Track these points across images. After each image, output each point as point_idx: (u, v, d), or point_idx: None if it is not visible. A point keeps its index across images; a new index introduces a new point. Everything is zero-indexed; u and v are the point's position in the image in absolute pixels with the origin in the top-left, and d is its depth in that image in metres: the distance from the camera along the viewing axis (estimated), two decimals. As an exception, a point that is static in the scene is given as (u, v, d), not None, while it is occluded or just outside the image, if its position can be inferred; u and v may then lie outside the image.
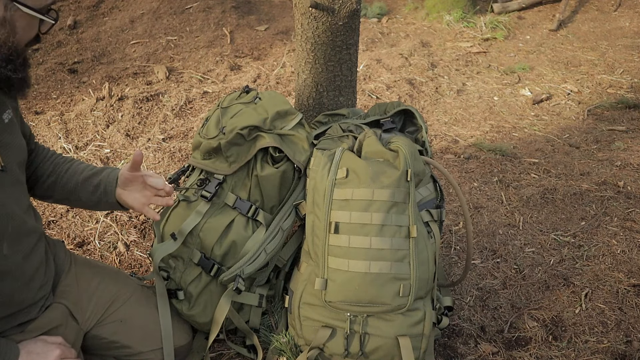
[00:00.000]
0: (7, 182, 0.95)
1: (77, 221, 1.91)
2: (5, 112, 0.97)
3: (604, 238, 1.85)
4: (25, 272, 1.00)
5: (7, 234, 0.94)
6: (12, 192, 0.97)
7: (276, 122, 1.37)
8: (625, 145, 2.56)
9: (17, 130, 1.02)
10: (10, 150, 0.97)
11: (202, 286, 1.31)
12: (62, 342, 1.06)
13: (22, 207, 1.01)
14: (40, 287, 1.05)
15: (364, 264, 1.17)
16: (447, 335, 1.50)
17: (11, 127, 0.99)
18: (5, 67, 0.84)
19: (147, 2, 4.00)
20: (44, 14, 0.86)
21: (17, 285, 0.99)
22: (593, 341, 1.46)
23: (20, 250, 0.99)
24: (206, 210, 1.31)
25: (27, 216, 1.02)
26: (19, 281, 0.99)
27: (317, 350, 1.25)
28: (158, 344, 1.21)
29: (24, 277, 1.00)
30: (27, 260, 1.01)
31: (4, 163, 0.94)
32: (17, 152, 1.00)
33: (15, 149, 0.99)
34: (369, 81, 3.29)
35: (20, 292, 1.00)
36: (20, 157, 1.02)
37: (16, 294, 0.99)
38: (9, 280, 0.97)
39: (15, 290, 0.99)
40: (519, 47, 4.08)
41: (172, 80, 3.16)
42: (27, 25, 0.86)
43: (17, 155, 1.00)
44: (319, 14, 1.50)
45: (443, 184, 2.23)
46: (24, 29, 0.86)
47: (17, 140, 1.01)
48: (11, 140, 0.98)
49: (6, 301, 0.98)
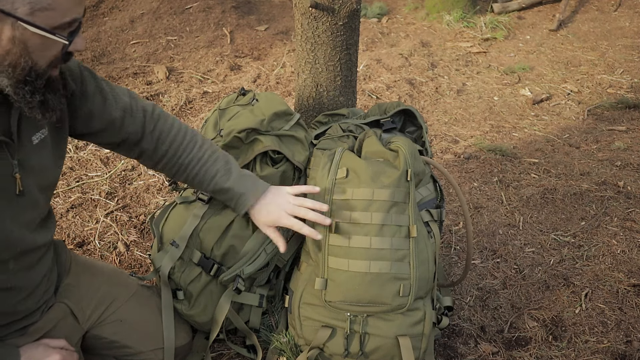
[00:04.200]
0: (23, 206, 0.92)
1: (77, 221, 1.91)
2: (38, 132, 0.92)
3: (604, 238, 1.85)
4: (31, 283, 1.00)
5: (15, 254, 0.93)
6: (26, 216, 0.94)
7: (274, 123, 1.37)
8: (625, 145, 2.56)
9: (48, 152, 0.96)
10: (34, 173, 0.93)
11: (202, 286, 1.30)
12: (64, 346, 1.05)
13: (34, 228, 0.97)
14: (44, 293, 1.05)
15: (364, 263, 1.17)
16: (447, 335, 1.50)
17: (40, 149, 0.93)
18: (23, 89, 0.79)
19: (147, 2, 4.00)
20: (54, 33, 0.77)
21: (21, 296, 0.98)
22: (593, 341, 1.46)
23: (27, 264, 0.98)
24: (204, 213, 1.31)
25: (38, 234, 0.99)
26: (23, 292, 0.98)
27: (317, 350, 1.25)
28: (158, 343, 1.21)
29: (28, 288, 0.99)
30: (33, 272, 1.00)
31: (23, 187, 0.90)
32: (43, 176, 0.96)
33: (41, 172, 0.94)
34: (369, 81, 3.29)
35: (24, 302, 1.00)
36: (46, 180, 0.97)
37: (20, 304, 0.99)
38: (14, 292, 0.96)
39: (19, 300, 0.98)
40: (519, 47, 4.08)
41: (172, 80, 3.16)
42: (41, 44, 0.77)
43: (42, 178, 0.96)
44: (319, 14, 1.50)
45: (443, 184, 2.23)
46: (39, 48, 0.78)
47: (46, 162, 0.95)
48: (37, 162, 0.93)
49: (10, 311, 0.98)
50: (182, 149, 1.16)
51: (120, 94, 1.08)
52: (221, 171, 1.17)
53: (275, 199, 1.18)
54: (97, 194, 2.05)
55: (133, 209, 1.99)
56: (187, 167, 1.17)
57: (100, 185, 2.10)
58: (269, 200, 1.18)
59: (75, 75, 0.99)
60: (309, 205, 1.17)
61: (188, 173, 1.18)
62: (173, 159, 1.17)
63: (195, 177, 1.18)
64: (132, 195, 2.06)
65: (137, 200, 2.04)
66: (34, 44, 0.77)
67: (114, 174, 2.18)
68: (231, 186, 1.17)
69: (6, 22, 0.73)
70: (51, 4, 0.74)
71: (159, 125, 1.14)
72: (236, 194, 1.18)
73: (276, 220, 1.17)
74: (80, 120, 1.03)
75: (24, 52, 0.76)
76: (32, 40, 0.76)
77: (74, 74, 0.99)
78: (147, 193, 2.08)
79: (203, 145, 1.18)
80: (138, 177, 2.18)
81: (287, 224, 1.17)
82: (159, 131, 1.14)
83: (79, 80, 1.00)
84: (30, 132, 0.91)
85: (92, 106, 1.02)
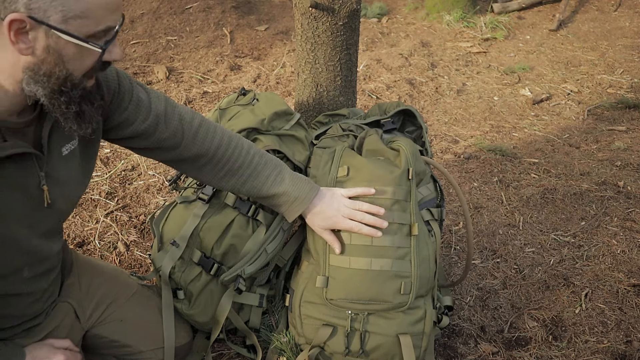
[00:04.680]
0: (48, 219, 0.92)
1: (77, 221, 1.91)
2: (68, 144, 0.91)
3: (604, 238, 1.86)
4: (40, 288, 1.00)
5: (31, 262, 0.93)
6: (47, 226, 0.93)
7: (274, 122, 1.38)
8: (625, 145, 2.56)
9: (76, 163, 0.95)
10: (62, 186, 0.92)
11: (202, 285, 1.30)
12: (69, 346, 1.06)
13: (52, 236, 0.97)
14: (50, 295, 1.06)
15: (365, 261, 1.17)
16: (447, 335, 1.50)
17: (69, 160, 0.93)
18: (58, 99, 0.77)
19: (147, 2, 4.00)
20: (88, 42, 0.75)
21: (30, 300, 0.99)
22: (593, 341, 1.46)
23: (40, 272, 0.98)
24: (204, 212, 1.31)
25: (54, 243, 0.99)
26: (32, 297, 0.99)
27: (318, 349, 1.25)
28: (158, 343, 1.21)
29: (38, 293, 1.00)
30: (43, 278, 1.00)
31: (51, 200, 0.89)
32: (71, 188, 0.95)
33: (68, 183, 0.93)
34: (369, 81, 3.29)
35: (33, 305, 1.00)
36: (73, 192, 0.96)
37: (28, 308, 0.99)
38: (24, 297, 0.97)
39: (28, 304, 0.99)
40: (519, 47, 4.08)
41: (172, 80, 3.16)
42: (76, 53, 0.76)
43: (69, 190, 0.95)
44: (319, 14, 1.50)
45: (443, 184, 2.23)
46: (74, 57, 0.76)
47: (73, 174, 0.94)
48: (65, 174, 0.92)
49: (18, 314, 0.98)
50: (229, 154, 1.12)
51: (156, 100, 1.05)
52: (273, 175, 1.14)
53: (331, 202, 1.15)
54: (97, 194, 2.05)
55: (133, 209, 1.99)
56: (235, 173, 1.14)
57: (100, 185, 2.10)
58: (326, 205, 1.15)
59: (111, 83, 0.97)
60: (365, 209, 1.16)
61: (237, 179, 1.14)
62: (219, 165, 1.13)
63: (245, 183, 1.15)
64: (132, 195, 2.06)
65: (137, 200, 2.04)
66: (69, 52, 0.75)
67: (114, 174, 2.18)
68: (285, 190, 1.14)
69: (39, 31, 0.71)
70: (84, 11, 0.72)
71: (200, 131, 1.10)
72: (290, 198, 1.15)
73: (334, 224, 1.16)
74: (113, 128, 1.02)
75: (59, 61, 0.75)
76: (66, 49, 0.74)
77: (110, 82, 0.97)
78: (147, 193, 2.08)
79: (250, 150, 1.15)
80: (138, 177, 2.18)
81: (346, 227, 1.15)
82: (201, 137, 1.10)
83: (116, 88, 0.98)
84: (61, 144, 0.90)
85: (127, 115, 1.01)
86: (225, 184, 1.16)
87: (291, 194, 1.14)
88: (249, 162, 1.14)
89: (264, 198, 1.17)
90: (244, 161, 1.13)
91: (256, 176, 1.14)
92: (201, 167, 1.13)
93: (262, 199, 1.18)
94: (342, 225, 1.15)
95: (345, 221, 1.14)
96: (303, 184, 1.16)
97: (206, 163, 1.12)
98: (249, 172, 1.14)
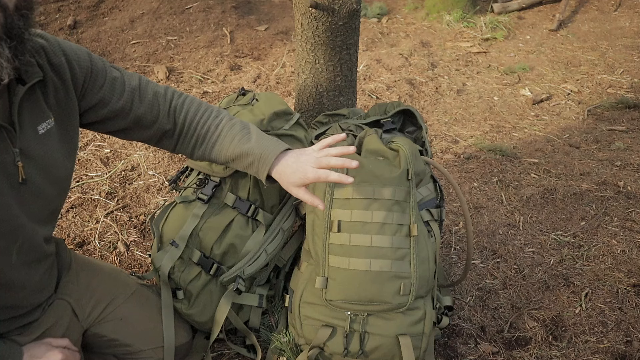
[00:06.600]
0: (26, 195, 0.92)
1: (77, 221, 1.91)
2: (44, 122, 0.92)
3: (604, 238, 1.85)
4: (32, 280, 1.00)
5: (17, 245, 0.93)
6: (29, 205, 0.93)
7: (274, 122, 1.38)
8: (625, 145, 2.56)
9: (54, 143, 0.96)
10: (38, 163, 0.92)
11: (202, 285, 1.31)
12: (67, 345, 1.05)
13: (38, 219, 0.97)
14: (45, 290, 1.05)
15: (364, 262, 1.17)
16: (447, 335, 1.50)
17: (46, 138, 0.93)
18: None
19: (147, 2, 4.00)
20: None
21: (23, 293, 0.98)
22: (593, 341, 1.46)
23: (30, 261, 0.98)
24: (203, 212, 1.31)
25: (42, 227, 0.99)
26: (25, 289, 0.99)
27: (317, 350, 1.25)
28: (158, 342, 1.21)
29: (30, 285, 0.99)
30: (35, 269, 1.00)
31: (25, 176, 0.90)
32: (50, 167, 0.95)
33: (47, 163, 0.94)
34: (369, 81, 3.29)
35: (25, 298, 1.00)
36: (54, 172, 0.96)
37: (21, 301, 0.99)
38: (16, 289, 0.96)
39: (20, 297, 0.98)
40: (519, 47, 4.08)
41: (172, 80, 3.16)
42: None
43: (49, 170, 0.95)
44: (319, 14, 1.50)
45: (443, 184, 2.23)
46: None
47: (52, 154, 0.95)
48: (43, 152, 0.93)
49: (11, 307, 0.98)
50: (198, 119, 1.13)
51: (129, 77, 1.08)
52: (239, 136, 1.12)
53: (299, 157, 1.09)
54: (97, 194, 2.05)
55: (133, 209, 1.99)
56: (204, 137, 1.14)
57: (100, 185, 2.10)
58: (294, 158, 1.10)
59: (83, 62, 0.98)
60: (334, 153, 1.09)
61: (206, 143, 1.14)
62: (189, 131, 1.14)
63: (214, 146, 1.14)
64: (132, 195, 2.06)
65: (137, 200, 2.04)
66: None
67: (114, 174, 2.18)
68: (251, 147, 1.11)
69: None
70: None
71: (173, 102, 1.13)
72: (257, 156, 1.11)
73: (303, 176, 1.07)
74: (91, 109, 1.03)
75: None
76: None
77: (82, 62, 0.98)
78: (147, 193, 2.08)
79: (220, 114, 1.15)
80: (138, 177, 2.18)
81: (314, 176, 1.06)
82: (173, 108, 1.12)
83: (89, 67, 1.00)
84: (35, 122, 0.91)
85: (102, 94, 1.02)
86: (198, 151, 1.16)
87: (256, 151, 1.11)
88: (217, 124, 1.14)
89: (232, 160, 1.15)
90: (211, 123, 1.14)
91: (224, 137, 1.13)
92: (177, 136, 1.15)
93: (233, 161, 1.15)
94: (311, 175, 1.07)
95: (313, 171, 1.06)
96: (269, 141, 1.13)
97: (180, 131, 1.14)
98: (217, 134, 1.14)
